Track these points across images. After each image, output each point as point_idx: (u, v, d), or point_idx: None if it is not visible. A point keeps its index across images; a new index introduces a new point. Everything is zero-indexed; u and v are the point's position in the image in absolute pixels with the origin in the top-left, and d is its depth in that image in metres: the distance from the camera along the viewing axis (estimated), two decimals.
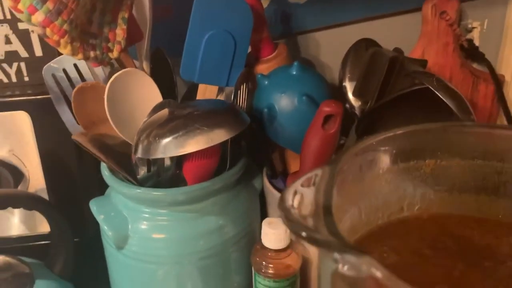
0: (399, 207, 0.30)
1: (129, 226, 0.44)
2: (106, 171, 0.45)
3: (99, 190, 0.49)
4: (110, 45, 0.44)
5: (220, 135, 0.40)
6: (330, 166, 0.24)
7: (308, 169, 0.46)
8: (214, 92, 0.49)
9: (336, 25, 0.59)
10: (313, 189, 0.22)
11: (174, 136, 0.39)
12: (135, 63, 0.48)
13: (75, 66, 0.48)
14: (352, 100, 0.53)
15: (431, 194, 0.30)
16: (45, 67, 0.48)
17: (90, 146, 0.43)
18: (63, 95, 0.48)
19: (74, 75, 0.48)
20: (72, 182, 0.53)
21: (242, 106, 0.48)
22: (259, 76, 0.49)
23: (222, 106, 0.45)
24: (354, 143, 0.27)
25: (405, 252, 0.27)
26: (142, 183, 0.44)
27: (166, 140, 0.40)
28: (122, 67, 0.46)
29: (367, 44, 0.54)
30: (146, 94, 0.45)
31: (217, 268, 0.46)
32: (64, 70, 0.48)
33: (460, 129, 0.30)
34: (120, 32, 0.44)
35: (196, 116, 0.41)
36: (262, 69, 0.51)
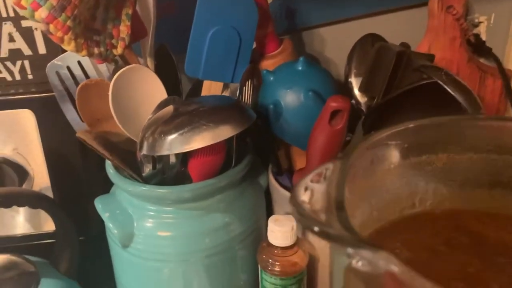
0: (411, 203, 0.29)
1: (134, 224, 0.44)
2: (111, 169, 0.45)
3: (104, 188, 0.49)
4: (114, 41, 0.43)
5: (226, 132, 0.39)
6: (342, 160, 0.23)
7: (314, 165, 0.45)
8: (219, 88, 0.49)
9: (341, 20, 0.59)
10: (323, 184, 0.22)
11: (179, 132, 0.39)
12: (139, 60, 0.47)
13: (79, 63, 0.48)
14: (358, 96, 0.52)
15: (444, 189, 0.29)
16: (48, 65, 0.47)
17: (94, 144, 0.43)
18: (67, 93, 0.48)
19: (78, 73, 0.48)
20: (76, 180, 0.53)
21: (248, 102, 0.47)
22: (265, 72, 0.49)
23: (227, 102, 0.44)
24: (362, 138, 0.26)
25: (417, 248, 0.26)
26: (147, 181, 0.44)
27: (172, 136, 0.39)
28: (126, 64, 0.46)
29: (373, 39, 0.53)
30: (150, 91, 0.45)
31: (223, 265, 0.45)
32: (68, 68, 0.48)
33: (472, 122, 0.29)
34: (124, 28, 0.43)
35: (201, 112, 0.40)
36: (268, 65, 0.51)
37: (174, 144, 0.39)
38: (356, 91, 0.53)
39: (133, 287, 0.47)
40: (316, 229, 0.19)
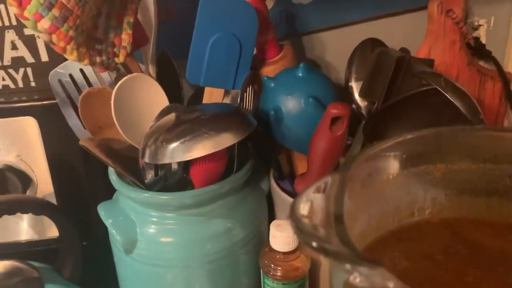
0: (410, 212, 0.29)
1: (137, 230, 0.44)
2: (113, 176, 0.46)
3: (107, 194, 0.49)
4: (116, 50, 0.44)
5: (227, 139, 0.40)
6: (340, 173, 0.23)
7: (315, 171, 0.46)
8: (220, 95, 0.49)
9: (341, 25, 0.59)
10: (323, 198, 0.22)
11: (181, 141, 0.39)
12: (141, 67, 0.48)
13: (81, 71, 0.48)
14: (358, 100, 0.53)
15: (442, 198, 0.30)
16: (51, 73, 0.48)
17: (97, 151, 0.43)
18: (70, 100, 0.48)
19: (80, 80, 0.48)
20: (80, 186, 0.53)
21: (249, 108, 0.48)
22: (265, 78, 0.49)
23: (228, 110, 0.45)
24: (362, 148, 0.26)
25: (416, 257, 0.27)
26: (149, 187, 0.44)
27: (174, 145, 0.40)
28: (128, 72, 0.46)
29: (373, 43, 0.54)
30: (152, 99, 0.45)
31: (225, 271, 0.46)
32: (70, 75, 0.48)
33: (470, 132, 0.30)
34: (125, 37, 0.43)
35: (203, 120, 0.41)
36: (268, 71, 0.51)
37: (176, 152, 0.40)
38: (356, 96, 0.53)
39: None
40: (314, 244, 0.19)
